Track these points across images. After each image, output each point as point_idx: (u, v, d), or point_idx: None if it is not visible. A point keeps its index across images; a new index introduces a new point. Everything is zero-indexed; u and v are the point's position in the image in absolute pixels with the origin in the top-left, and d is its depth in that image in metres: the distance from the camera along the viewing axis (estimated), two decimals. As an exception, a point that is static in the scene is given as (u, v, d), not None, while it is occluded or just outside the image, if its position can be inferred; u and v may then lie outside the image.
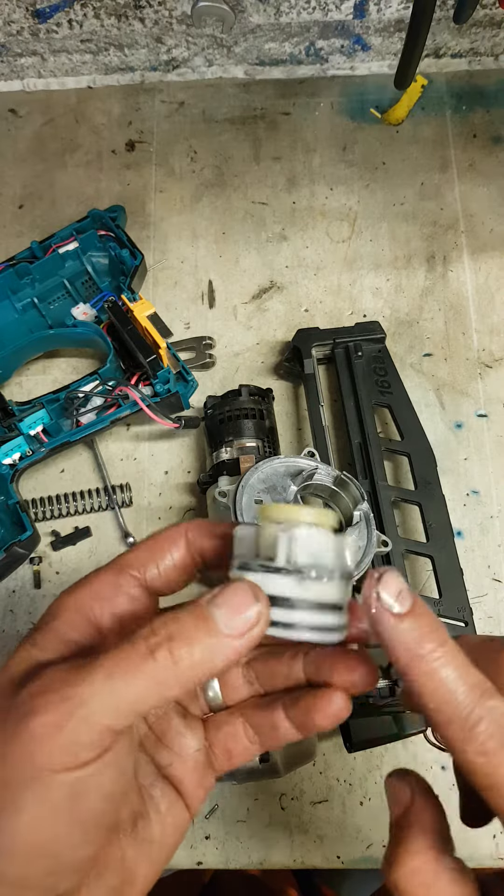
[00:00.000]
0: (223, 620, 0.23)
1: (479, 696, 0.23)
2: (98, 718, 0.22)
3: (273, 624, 0.25)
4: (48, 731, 0.22)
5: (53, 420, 0.61)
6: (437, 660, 0.23)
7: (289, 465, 0.52)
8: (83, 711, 0.22)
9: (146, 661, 0.23)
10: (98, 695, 0.22)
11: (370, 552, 0.50)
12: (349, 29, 0.73)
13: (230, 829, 0.53)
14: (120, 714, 0.23)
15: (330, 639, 0.26)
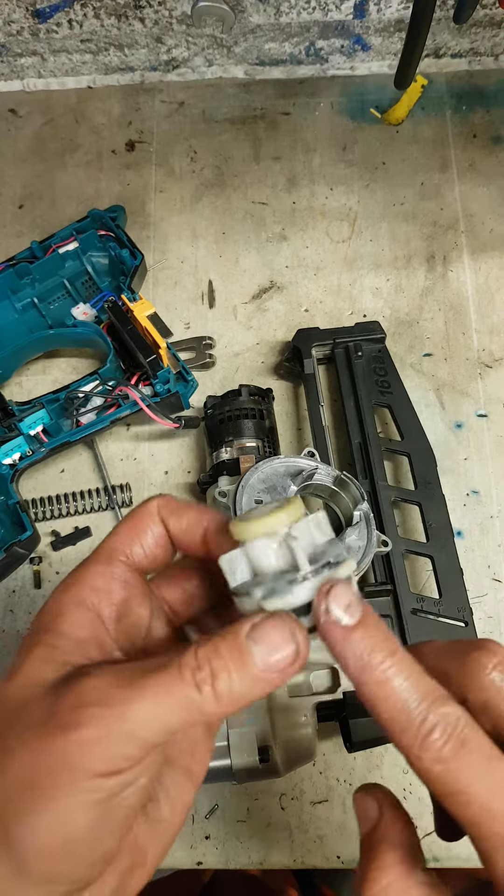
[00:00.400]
0: (261, 658, 0.24)
1: (432, 703, 0.23)
2: (140, 735, 0.23)
3: None
4: (92, 742, 0.23)
5: (53, 420, 0.61)
6: (386, 670, 0.23)
7: (289, 465, 0.52)
8: (128, 728, 0.23)
9: (191, 692, 0.23)
10: (143, 716, 0.23)
11: (370, 552, 0.50)
12: (349, 29, 0.73)
13: (230, 829, 0.53)
14: (160, 733, 0.24)
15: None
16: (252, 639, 0.24)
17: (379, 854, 0.25)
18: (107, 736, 0.23)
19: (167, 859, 0.52)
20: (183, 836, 0.53)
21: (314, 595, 0.25)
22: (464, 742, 0.22)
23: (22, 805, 0.23)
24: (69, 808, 0.23)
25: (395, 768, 0.54)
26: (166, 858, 0.54)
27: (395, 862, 0.24)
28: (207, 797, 0.54)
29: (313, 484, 0.53)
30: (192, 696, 0.23)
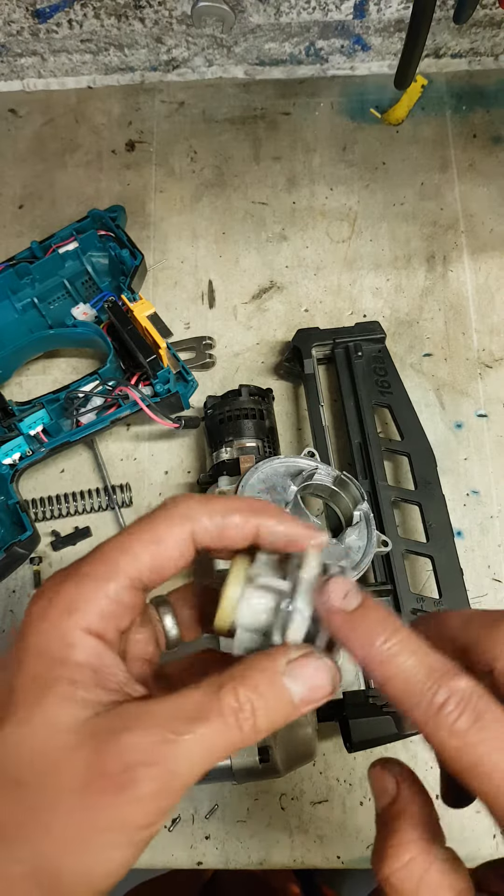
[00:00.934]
0: (299, 697, 0.25)
1: (441, 677, 0.23)
2: (190, 783, 0.24)
3: None
4: (145, 802, 0.23)
5: (53, 420, 0.61)
6: (390, 648, 0.24)
7: (289, 465, 0.52)
8: (181, 782, 0.24)
9: (235, 734, 0.24)
10: (195, 767, 0.24)
11: (370, 552, 0.50)
12: (349, 29, 0.73)
13: (230, 829, 0.53)
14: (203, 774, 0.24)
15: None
16: (290, 676, 0.25)
17: (398, 830, 0.24)
18: (160, 793, 0.23)
19: (167, 859, 0.53)
20: (183, 836, 0.53)
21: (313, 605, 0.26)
22: (479, 715, 0.22)
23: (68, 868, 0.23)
24: (118, 863, 0.24)
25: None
26: (166, 858, 0.55)
27: (415, 838, 0.24)
28: (207, 797, 0.54)
29: (313, 484, 0.53)
30: (235, 737, 0.24)
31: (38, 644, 0.25)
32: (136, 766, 0.23)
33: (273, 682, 0.25)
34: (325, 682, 0.25)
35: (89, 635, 0.25)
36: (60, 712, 0.24)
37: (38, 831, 0.23)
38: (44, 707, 0.24)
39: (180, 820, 0.53)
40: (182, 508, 0.27)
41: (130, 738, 0.23)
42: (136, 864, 0.54)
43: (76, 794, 0.23)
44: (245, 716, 0.24)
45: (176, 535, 0.27)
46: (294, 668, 0.25)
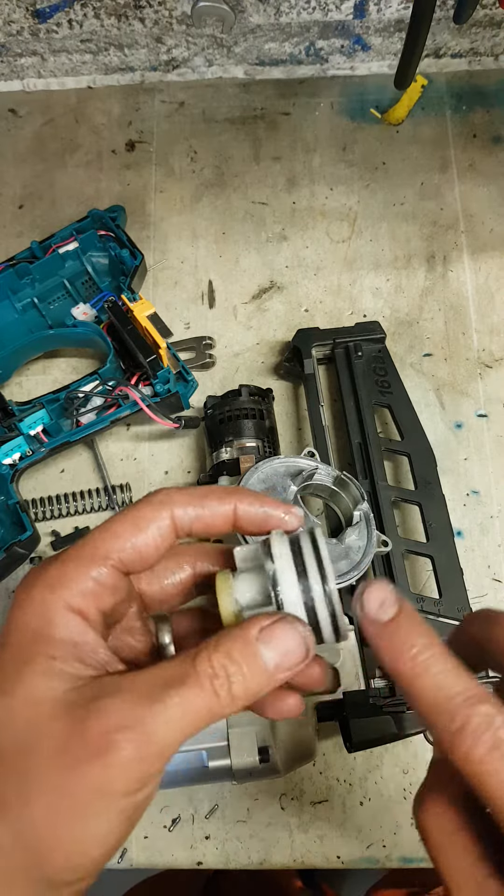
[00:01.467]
0: (273, 662, 0.25)
1: (467, 699, 0.23)
2: (170, 751, 0.24)
3: None
4: (125, 766, 0.23)
5: (53, 420, 0.61)
6: (420, 664, 0.24)
7: (289, 465, 0.52)
8: (159, 747, 0.24)
9: (211, 699, 0.24)
10: (171, 734, 0.24)
11: (370, 552, 0.50)
12: (349, 29, 0.73)
13: (230, 829, 0.53)
14: (183, 741, 0.25)
15: None
16: (262, 641, 0.25)
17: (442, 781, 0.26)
18: (138, 757, 0.23)
19: (167, 859, 0.53)
20: (183, 836, 0.53)
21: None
22: (498, 744, 0.22)
23: (53, 836, 0.23)
24: (103, 831, 0.24)
25: (395, 768, 0.54)
26: (166, 859, 0.55)
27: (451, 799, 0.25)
28: (207, 797, 0.54)
29: (313, 484, 0.53)
30: (212, 703, 0.24)
31: (21, 621, 0.26)
32: (114, 730, 0.23)
33: (246, 649, 0.25)
34: (296, 647, 0.26)
35: (70, 612, 0.26)
36: (40, 685, 0.25)
37: (20, 800, 0.24)
38: (24, 680, 0.25)
39: (180, 820, 0.53)
40: (161, 495, 0.29)
41: (108, 704, 0.24)
42: (136, 864, 0.54)
43: (56, 762, 0.24)
44: (220, 682, 0.24)
45: (156, 518, 0.28)
46: (266, 634, 0.26)
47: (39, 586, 0.27)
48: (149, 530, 0.28)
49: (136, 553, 0.28)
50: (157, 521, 0.28)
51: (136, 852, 0.53)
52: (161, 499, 0.29)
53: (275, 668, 0.25)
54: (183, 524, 0.29)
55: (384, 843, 0.53)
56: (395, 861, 0.53)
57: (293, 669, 0.26)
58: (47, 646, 0.26)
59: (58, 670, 0.25)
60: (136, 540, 0.28)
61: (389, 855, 0.53)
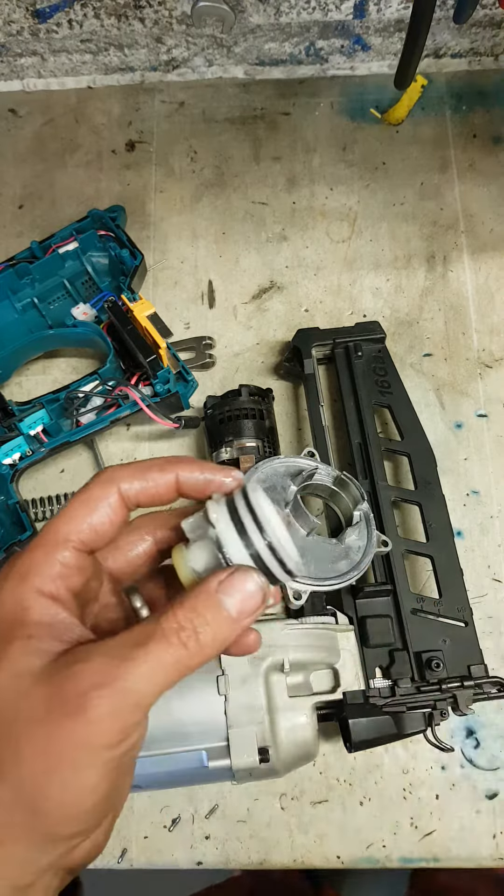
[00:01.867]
0: (235, 608, 0.28)
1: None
2: (145, 702, 0.26)
3: None
4: (107, 719, 0.25)
5: (53, 420, 0.61)
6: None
7: (289, 465, 0.52)
8: (132, 699, 0.26)
9: (181, 651, 0.27)
10: (144, 685, 0.26)
11: (370, 552, 0.50)
12: (349, 29, 0.73)
13: (230, 829, 0.53)
14: (158, 694, 0.27)
15: None
16: (221, 592, 0.28)
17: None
18: (115, 711, 0.25)
19: (167, 859, 0.53)
20: (183, 836, 0.53)
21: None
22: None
23: (46, 790, 0.25)
24: (92, 782, 0.26)
25: (396, 768, 0.54)
26: (166, 859, 0.54)
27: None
28: (207, 797, 0.54)
29: (313, 484, 0.53)
30: (181, 654, 0.27)
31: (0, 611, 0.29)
32: (89, 689, 0.25)
33: (209, 601, 0.28)
34: (253, 590, 0.28)
35: (42, 596, 0.28)
36: (20, 660, 0.27)
37: (14, 761, 0.26)
38: (7, 658, 0.27)
39: (180, 820, 0.53)
40: (107, 473, 0.31)
41: (82, 668, 0.26)
42: (136, 864, 0.54)
43: (41, 724, 0.25)
44: (187, 633, 0.27)
45: (104, 496, 0.30)
46: (224, 584, 0.28)
47: (12, 577, 0.29)
48: (100, 508, 0.30)
49: (93, 532, 0.30)
50: (106, 498, 0.30)
51: (136, 852, 0.53)
52: (106, 477, 0.31)
53: (238, 613, 0.28)
54: (130, 497, 0.31)
55: (384, 843, 0.53)
56: (395, 861, 0.53)
57: (255, 613, 0.28)
58: (24, 628, 0.28)
59: (34, 648, 0.27)
60: (91, 519, 0.30)
61: (389, 855, 0.53)
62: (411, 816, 0.53)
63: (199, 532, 0.31)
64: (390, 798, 0.54)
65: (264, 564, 0.29)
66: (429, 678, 0.49)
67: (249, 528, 0.29)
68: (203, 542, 0.30)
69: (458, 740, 0.55)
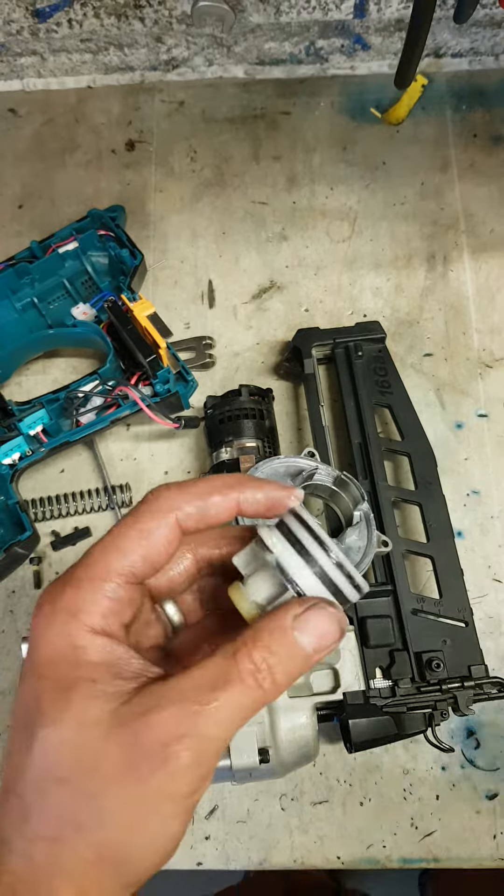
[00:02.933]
0: (311, 647, 0.27)
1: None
2: (224, 745, 0.26)
3: None
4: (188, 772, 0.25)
5: (53, 420, 0.61)
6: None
7: (289, 465, 0.52)
8: (215, 747, 0.25)
9: (257, 693, 0.26)
10: (225, 731, 0.25)
11: (370, 552, 0.50)
12: (349, 28, 0.73)
13: (230, 829, 0.53)
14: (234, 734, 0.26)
15: None
16: (299, 630, 0.27)
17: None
18: (197, 761, 0.25)
19: (167, 860, 0.53)
20: (183, 837, 0.53)
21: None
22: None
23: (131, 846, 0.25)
24: (175, 830, 0.25)
25: (396, 768, 0.54)
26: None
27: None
28: (207, 797, 0.54)
29: (313, 484, 0.53)
30: (258, 697, 0.26)
31: (51, 652, 0.27)
32: (172, 740, 0.24)
33: (284, 639, 0.27)
34: (332, 628, 0.27)
35: (96, 635, 0.27)
36: (87, 708, 0.25)
37: (95, 820, 0.25)
38: (71, 707, 0.25)
39: (180, 820, 0.53)
40: (163, 500, 0.29)
41: (161, 715, 0.25)
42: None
43: (121, 779, 0.25)
44: (263, 675, 0.26)
45: (161, 526, 0.29)
46: (301, 621, 0.27)
47: (59, 616, 0.27)
48: (156, 540, 0.28)
49: (146, 564, 0.28)
50: (163, 528, 0.29)
51: (135, 853, 0.53)
52: (163, 505, 0.29)
53: (313, 651, 0.27)
54: (188, 526, 0.29)
55: (384, 843, 0.53)
56: (394, 861, 0.53)
57: (330, 648, 0.27)
58: (84, 670, 0.26)
59: (100, 692, 0.26)
60: (145, 552, 0.28)
61: (389, 855, 0.53)
62: (411, 817, 0.53)
63: (255, 565, 0.30)
64: (390, 798, 0.54)
65: (334, 585, 0.28)
66: (429, 678, 0.49)
67: (311, 548, 0.28)
68: (262, 572, 0.29)
69: (459, 741, 0.55)
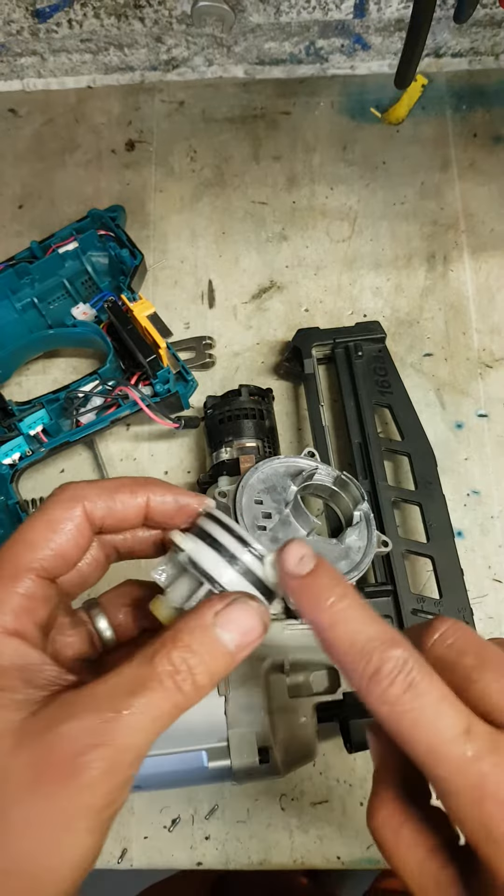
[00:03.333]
0: (233, 643, 0.25)
1: (381, 644, 0.23)
2: (142, 753, 0.24)
3: None
4: (103, 780, 0.23)
5: (53, 420, 0.61)
6: (338, 612, 0.24)
7: (289, 465, 0.52)
8: (131, 756, 0.24)
9: (177, 697, 0.24)
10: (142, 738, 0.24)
11: (370, 552, 0.50)
12: (349, 28, 0.73)
13: (230, 829, 0.53)
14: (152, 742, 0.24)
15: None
16: (219, 626, 0.25)
17: (379, 789, 0.26)
18: (111, 771, 0.23)
19: (167, 860, 0.53)
20: (183, 837, 0.53)
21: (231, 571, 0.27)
22: (412, 684, 0.23)
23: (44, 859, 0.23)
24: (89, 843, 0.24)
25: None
26: (166, 859, 0.54)
27: (392, 797, 0.25)
28: (207, 797, 0.54)
29: (313, 484, 0.53)
30: (177, 699, 0.24)
31: None
32: (83, 751, 0.23)
33: (205, 637, 0.25)
34: (255, 623, 0.26)
35: (6, 635, 0.26)
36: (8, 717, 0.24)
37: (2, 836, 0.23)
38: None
39: (180, 820, 0.53)
40: (70, 491, 0.28)
41: (72, 724, 0.23)
42: (136, 864, 0.54)
43: (30, 795, 0.23)
44: (182, 676, 0.24)
45: (68, 518, 0.27)
46: (222, 617, 0.25)
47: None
48: (64, 531, 0.27)
49: (58, 557, 0.27)
50: (71, 519, 0.27)
51: (136, 853, 0.53)
52: (70, 495, 0.28)
53: (236, 648, 0.25)
54: (95, 519, 0.28)
55: (384, 843, 0.53)
56: (395, 861, 0.53)
57: (253, 645, 0.26)
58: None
59: (9, 700, 0.24)
60: (54, 544, 0.27)
61: (390, 855, 0.53)
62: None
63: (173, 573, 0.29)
64: (390, 798, 0.54)
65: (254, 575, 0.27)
66: (429, 678, 0.49)
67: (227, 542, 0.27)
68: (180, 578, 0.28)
69: (459, 740, 0.55)
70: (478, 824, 0.21)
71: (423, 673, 0.23)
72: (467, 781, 0.22)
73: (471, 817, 0.21)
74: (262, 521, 0.49)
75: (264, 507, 0.50)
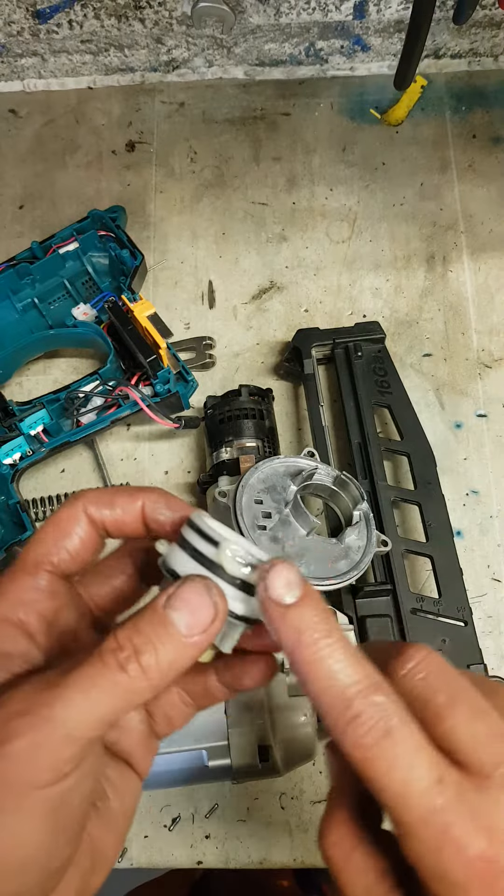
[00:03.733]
0: (183, 623, 0.24)
1: (364, 689, 0.23)
2: (78, 734, 0.23)
3: None
4: (30, 752, 0.22)
5: (54, 420, 0.61)
6: (320, 650, 0.23)
7: (289, 465, 0.52)
8: (62, 730, 0.22)
9: (118, 675, 0.23)
10: (76, 712, 0.23)
11: (370, 552, 0.50)
12: (349, 29, 0.73)
13: (230, 828, 0.53)
14: (96, 726, 0.23)
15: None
16: (171, 607, 0.24)
17: (332, 810, 0.25)
18: (41, 743, 0.22)
19: (167, 859, 0.53)
20: (183, 836, 0.53)
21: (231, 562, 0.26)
22: (389, 732, 0.22)
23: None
24: (19, 828, 0.22)
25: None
26: (167, 858, 0.55)
27: (344, 819, 0.25)
28: (207, 797, 0.54)
29: (313, 484, 0.53)
30: (120, 679, 0.23)
31: None
32: (13, 718, 0.22)
33: (154, 617, 0.24)
34: (206, 603, 0.24)
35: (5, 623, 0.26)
36: None
37: None
38: None
39: (180, 819, 0.54)
40: (73, 497, 0.29)
41: (11, 695, 0.23)
42: (137, 863, 0.54)
43: None
44: (126, 654, 0.23)
45: (73, 517, 0.28)
46: (172, 598, 0.24)
47: None
48: (70, 529, 0.28)
49: (67, 554, 0.28)
50: (75, 518, 0.28)
51: (136, 852, 0.53)
52: (73, 501, 0.29)
53: (187, 629, 0.24)
54: (97, 522, 0.29)
55: (384, 842, 0.53)
56: (394, 860, 0.53)
57: (208, 630, 0.24)
58: None
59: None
60: (62, 541, 0.28)
61: (389, 854, 0.53)
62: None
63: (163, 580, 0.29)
64: (390, 797, 0.54)
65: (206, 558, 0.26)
66: (428, 678, 0.49)
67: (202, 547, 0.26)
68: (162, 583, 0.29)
69: (458, 740, 0.55)
70: (434, 869, 0.22)
71: (402, 721, 0.22)
72: (431, 831, 0.21)
73: (428, 862, 0.22)
74: (262, 520, 0.49)
75: (264, 507, 0.50)
